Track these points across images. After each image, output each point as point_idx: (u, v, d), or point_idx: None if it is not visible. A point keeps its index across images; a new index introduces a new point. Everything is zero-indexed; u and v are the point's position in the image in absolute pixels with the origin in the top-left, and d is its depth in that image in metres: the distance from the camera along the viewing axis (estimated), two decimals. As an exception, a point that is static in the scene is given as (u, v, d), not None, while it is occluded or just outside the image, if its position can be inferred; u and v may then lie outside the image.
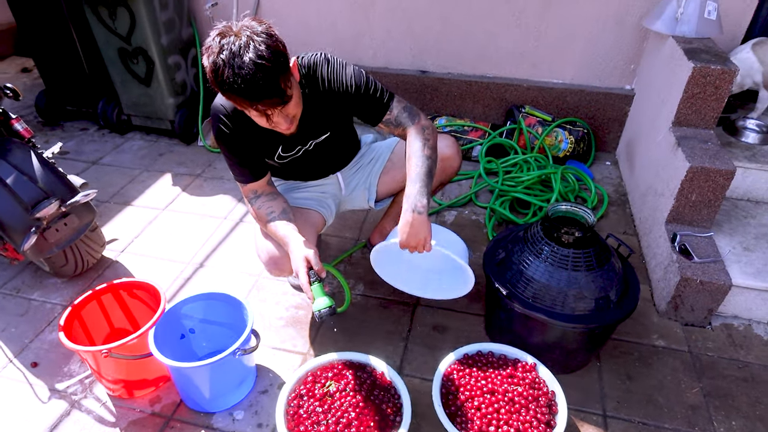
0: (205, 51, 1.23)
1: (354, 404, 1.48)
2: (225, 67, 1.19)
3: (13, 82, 3.90)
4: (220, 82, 1.21)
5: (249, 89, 1.21)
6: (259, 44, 1.20)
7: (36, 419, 1.60)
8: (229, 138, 1.50)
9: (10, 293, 2.05)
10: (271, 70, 1.21)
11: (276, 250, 1.63)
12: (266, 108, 1.28)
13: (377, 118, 1.58)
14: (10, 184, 1.71)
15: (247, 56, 1.18)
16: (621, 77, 2.86)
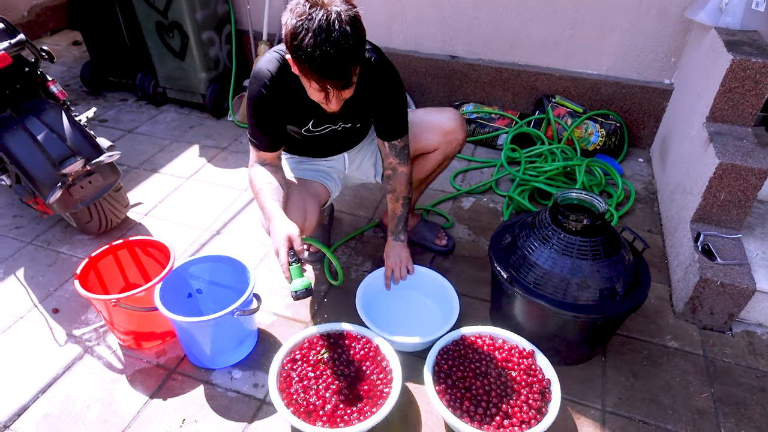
0: (290, 10, 1.23)
1: (345, 373, 1.50)
2: (308, 34, 1.19)
3: (63, 54, 4.09)
4: (297, 46, 1.21)
5: (324, 65, 1.22)
6: (346, 26, 1.20)
7: (52, 359, 1.70)
8: (264, 103, 1.49)
9: (41, 245, 2.17)
10: (349, 56, 1.22)
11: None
12: (330, 87, 1.29)
13: (391, 136, 1.67)
14: (40, 140, 1.81)
15: (334, 34, 1.18)
16: (660, 70, 2.74)
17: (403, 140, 1.68)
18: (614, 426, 1.53)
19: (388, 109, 1.62)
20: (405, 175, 1.74)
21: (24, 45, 1.80)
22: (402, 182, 1.75)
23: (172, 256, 1.69)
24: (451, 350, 1.58)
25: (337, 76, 1.25)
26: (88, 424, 1.51)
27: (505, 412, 1.40)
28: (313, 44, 1.19)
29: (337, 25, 1.19)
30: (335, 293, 1.96)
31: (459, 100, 3.14)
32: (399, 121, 1.65)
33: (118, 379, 1.64)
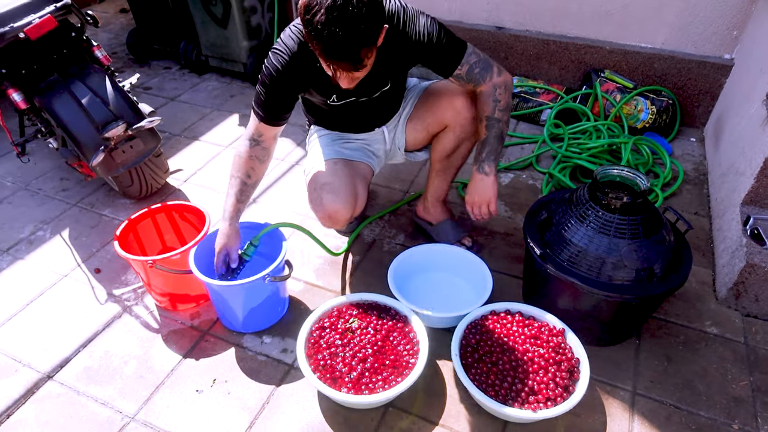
0: None
1: (372, 342, 1.51)
2: (320, 10, 1.14)
3: (111, 22, 4.19)
4: (308, 21, 1.17)
5: (332, 45, 1.17)
6: (362, 6, 1.15)
7: (93, 316, 1.78)
8: (278, 79, 1.45)
9: (86, 207, 2.26)
10: (359, 39, 1.17)
11: (334, 206, 1.62)
12: (336, 67, 1.25)
13: (448, 70, 1.53)
14: (85, 104, 1.86)
15: (347, 14, 1.13)
16: (720, 44, 2.57)
17: (463, 63, 1.51)
18: (644, 409, 1.49)
19: (424, 50, 1.47)
20: (485, 93, 1.56)
21: (70, 9, 1.85)
22: (483, 101, 1.57)
23: (208, 222, 1.73)
24: (479, 325, 1.57)
25: (345, 58, 1.20)
26: (125, 378, 1.58)
27: (531, 389, 1.39)
28: (323, 22, 1.14)
29: (353, 4, 1.13)
30: (366, 264, 1.97)
31: (501, 72, 3.04)
32: (445, 52, 1.49)
33: (154, 338, 1.71)
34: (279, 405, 1.51)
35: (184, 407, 1.50)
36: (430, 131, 1.79)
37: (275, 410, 1.50)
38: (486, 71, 1.54)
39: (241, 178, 1.56)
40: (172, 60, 3.54)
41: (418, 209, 2.07)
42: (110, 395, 1.54)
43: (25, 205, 2.28)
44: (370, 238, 2.10)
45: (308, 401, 1.52)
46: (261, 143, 1.56)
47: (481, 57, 1.54)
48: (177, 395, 1.53)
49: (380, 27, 1.23)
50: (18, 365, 1.63)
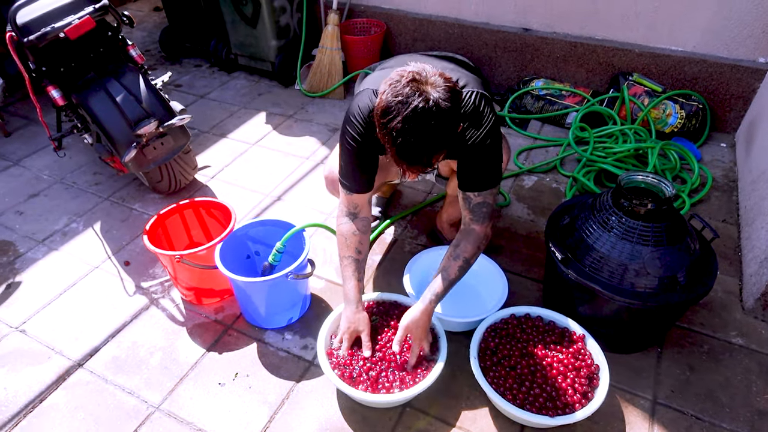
0: (390, 84, 1.17)
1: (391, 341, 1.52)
2: (397, 117, 1.14)
3: (145, 20, 4.30)
4: (383, 124, 1.17)
5: (404, 152, 1.18)
6: (438, 117, 1.14)
7: (122, 307, 1.84)
8: (361, 140, 1.42)
9: (117, 201, 2.33)
10: (431, 148, 1.18)
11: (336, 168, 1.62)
12: (407, 169, 1.25)
13: (467, 187, 1.47)
14: (119, 101, 1.93)
15: (423, 125, 1.13)
16: (755, 48, 2.51)
17: (482, 196, 1.45)
18: (664, 418, 1.47)
19: (473, 161, 1.43)
20: (476, 235, 1.48)
21: (107, 10, 1.91)
22: (471, 242, 1.48)
23: (233, 219, 1.77)
24: (499, 328, 1.57)
25: (414, 162, 1.20)
26: (151, 369, 1.64)
27: (549, 394, 1.39)
28: (399, 129, 1.14)
29: (429, 116, 1.13)
30: (387, 264, 1.99)
31: (529, 75, 3.03)
32: (481, 174, 1.45)
33: (179, 330, 1.76)
34: (298, 401, 1.54)
35: (206, 399, 1.55)
36: (451, 166, 1.78)
37: (295, 406, 1.53)
38: (488, 217, 1.49)
39: (353, 256, 1.54)
40: (203, 58, 3.62)
41: (437, 221, 2.08)
42: (136, 385, 1.59)
43: (60, 197, 2.37)
44: (392, 237, 2.12)
45: (327, 398, 1.54)
46: (358, 215, 1.56)
47: (492, 204, 1.50)
48: (200, 387, 1.58)
49: (454, 135, 1.22)
50: (51, 352, 1.70)
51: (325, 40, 3.08)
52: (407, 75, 1.16)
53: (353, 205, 1.54)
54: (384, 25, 3.23)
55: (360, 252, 1.55)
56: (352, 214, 1.55)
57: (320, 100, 3.12)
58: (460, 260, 1.47)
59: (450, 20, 3.08)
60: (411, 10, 3.20)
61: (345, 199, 1.55)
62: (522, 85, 2.92)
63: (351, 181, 1.50)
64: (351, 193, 1.52)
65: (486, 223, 1.49)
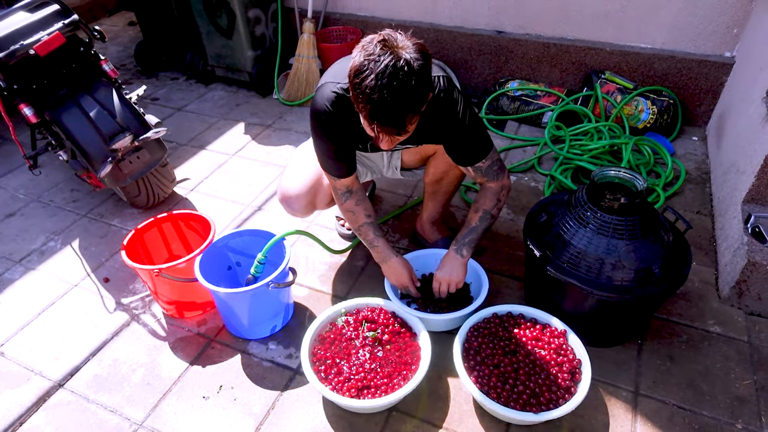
0: (362, 47, 1.20)
1: (375, 347, 1.52)
2: (370, 75, 1.15)
3: (120, 35, 4.27)
4: (357, 84, 1.18)
5: (379, 110, 1.18)
6: (411, 76, 1.16)
7: (103, 325, 1.82)
8: (333, 130, 1.47)
9: (95, 218, 2.31)
10: (406, 106, 1.19)
11: (289, 189, 1.75)
12: (380, 130, 1.26)
13: (472, 160, 1.55)
14: (93, 117, 1.91)
15: (395, 81, 1.15)
16: (720, 43, 2.57)
17: (488, 159, 1.55)
18: (646, 409, 1.49)
19: (459, 139, 1.51)
20: (493, 190, 1.61)
21: (77, 25, 1.90)
22: (487, 196, 1.62)
23: (213, 230, 1.76)
24: (481, 327, 1.58)
25: (390, 123, 1.21)
26: (133, 386, 1.62)
27: (533, 391, 1.40)
28: (372, 86, 1.15)
29: (402, 73, 1.14)
30: (370, 269, 1.99)
31: (504, 77, 3.06)
32: (474, 146, 1.53)
33: (162, 345, 1.74)
34: (284, 411, 1.53)
35: (190, 414, 1.53)
36: (423, 154, 1.81)
37: (280, 416, 1.52)
38: (502, 171, 1.61)
39: (367, 221, 1.65)
40: (179, 71, 3.60)
41: (417, 225, 2.10)
42: (119, 403, 1.57)
43: (36, 216, 2.34)
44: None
45: (313, 406, 1.54)
46: (353, 191, 1.63)
47: (499, 158, 1.60)
48: (184, 402, 1.56)
49: (426, 95, 1.24)
50: (30, 374, 1.67)
51: (302, 49, 3.09)
52: (377, 37, 1.19)
53: (344, 186, 1.61)
54: (360, 32, 3.24)
55: (370, 216, 1.65)
56: (347, 193, 1.62)
57: (299, 108, 3.13)
58: (480, 212, 1.63)
59: (425, 25, 3.11)
60: (386, 17, 3.22)
61: (335, 184, 1.62)
62: (498, 86, 2.96)
63: (334, 169, 1.57)
64: (338, 179, 1.59)
65: (500, 178, 1.61)
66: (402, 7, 3.14)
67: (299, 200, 1.76)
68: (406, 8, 3.13)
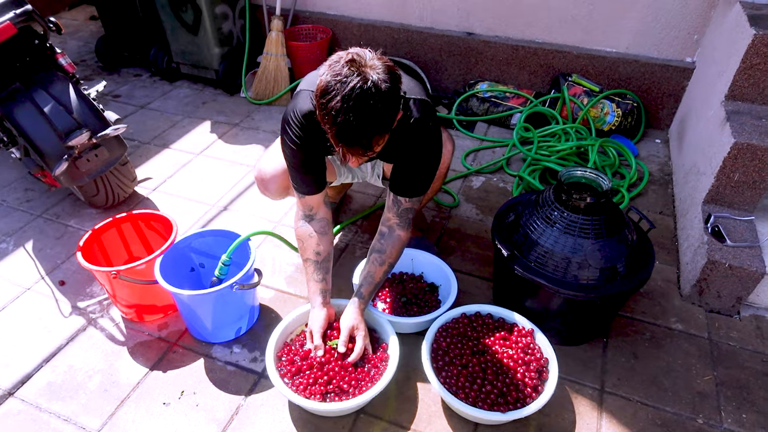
0: (329, 65, 1.16)
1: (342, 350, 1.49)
2: (336, 97, 1.12)
3: (80, 29, 4.13)
4: (323, 104, 1.15)
5: (344, 132, 1.15)
6: (378, 99, 1.12)
7: (57, 330, 1.74)
8: (303, 140, 1.41)
9: (50, 218, 2.21)
10: (371, 129, 1.15)
11: (265, 170, 1.70)
12: (346, 150, 1.21)
13: (401, 190, 1.49)
14: (47, 112, 1.82)
15: (362, 105, 1.11)
16: (682, 48, 2.64)
17: (411, 202, 1.49)
18: (612, 406, 1.51)
19: (409, 166, 1.46)
20: (400, 241, 1.54)
21: (31, 16, 1.81)
22: (395, 246, 1.53)
23: (174, 230, 1.70)
24: (450, 328, 1.57)
25: (355, 144, 1.18)
26: (89, 393, 1.55)
27: (500, 390, 1.39)
28: (338, 109, 1.12)
29: (368, 96, 1.11)
30: (338, 270, 1.96)
31: (474, 78, 3.08)
32: (415, 181, 1.47)
33: (120, 350, 1.67)
34: (248, 416, 1.49)
35: (150, 421, 1.47)
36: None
37: (245, 421, 1.48)
38: (410, 223, 1.55)
39: (312, 258, 1.54)
40: (143, 67, 3.50)
41: None
42: (74, 411, 1.50)
43: (-13, 217, 2.22)
44: (342, 243, 2.09)
45: (278, 410, 1.50)
46: (315, 216, 1.55)
47: (418, 208, 1.57)
48: (143, 409, 1.50)
49: (393, 117, 1.20)
50: (-22, 382, 1.58)
51: (270, 47, 3.04)
52: (345, 56, 1.15)
53: (308, 207, 1.54)
54: (330, 31, 3.21)
55: (319, 253, 1.54)
56: (308, 216, 1.55)
57: (267, 107, 3.07)
58: (386, 265, 1.54)
59: (395, 25, 3.10)
60: (356, 16, 3.20)
61: (299, 203, 1.55)
62: (468, 88, 2.97)
63: (300, 183, 1.50)
64: (303, 196, 1.52)
65: (409, 228, 1.55)
66: (372, 6, 3.12)
67: (274, 181, 1.70)
68: (376, 8, 3.12)
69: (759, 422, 1.48)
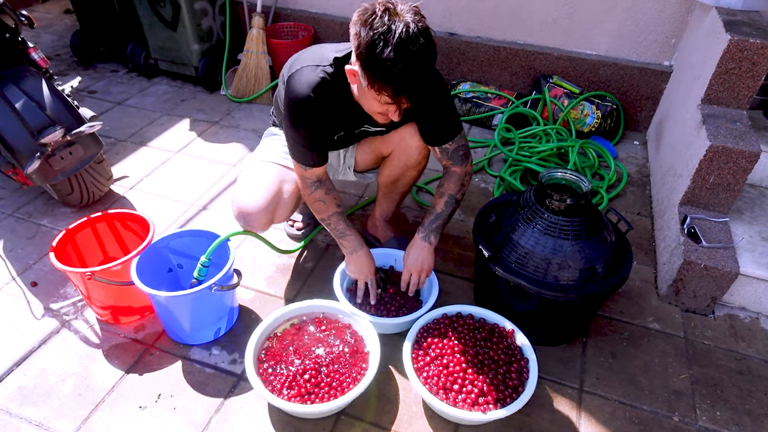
0: (363, 21, 1.17)
1: (323, 351, 1.48)
2: (386, 47, 1.12)
3: (54, 23, 4.02)
4: (374, 58, 1.14)
5: (404, 79, 1.16)
6: (424, 41, 1.15)
7: (28, 333, 1.69)
8: (313, 120, 1.42)
9: (22, 217, 2.15)
10: (428, 71, 1.18)
11: (248, 205, 1.60)
12: (404, 100, 1.23)
13: (440, 140, 1.56)
14: (18, 108, 1.77)
15: (414, 47, 1.13)
16: (660, 52, 2.68)
17: (456, 141, 1.56)
18: (590, 405, 1.52)
19: (434, 114, 1.51)
20: (457, 175, 1.61)
21: (1, 8, 1.76)
22: (452, 180, 1.61)
23: (152, 230, 1.67)
24: (431, 328, 1.57)
25: (414, 90, 1.20)
26: (62, 397, 1.51)
27: (481, 390, 1.40)
28: (393, 58, 1.12)
29: (417, 38, 1.13)
30: (319, 271, 1.95)
31: (456, 78, 3.09)
32: (447, 123, 1.54)
33: (95, 353, 1.63)
34: (227, 418, 1.47)
35: (125, 425, 1.44)
36: (378, 154, 1.79)
37: (223, 424, 1.45)
38: (466, 157, 1.61)
39: (338, 210, 1.59)
40: (120, 63, 3.42)
41: (367, 225, 2.07)
42: (46, 416, 1.46)
43: (-45, 216, 2.15)
44: (323, 243, 2.08)
45: (258, 413, 1.48)
46: (323, 181, 1.57)
47: (466, 143, 1.60)
48: (118, 413, 1.47)
49: (435, 58, 1.23)
50: (-56, 387, 1.53)
51: (251, 44, 3.00)
52: (379, 7, 1.16)
53: (314, 176, 1.54)
54: (311, 29, 3.19)
55: (340, 205, 1.60)
56: (317, 182, 1.55)
57: (247, 105, 3.04)
58: (445, 196, 1.61)
59: (377, 24, 3.08)
60: (339, 14, 3.18)
61: (305, 174, 1.54)
62: (450, 88, 2.98)
63: (306, 159, 1.50)
64: (310, 167, 1.51)
65: (465, 163, 1.61)
66: (355, 5, 3.07)
67: (259, 217, 1.62)
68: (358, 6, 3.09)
69: (732, 419, 1.51)
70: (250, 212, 1.61)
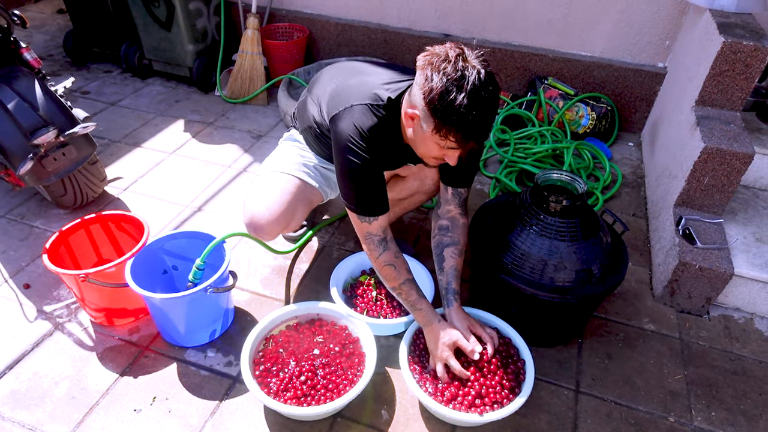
0: (434, 68, 1.16)
1: (319, 353, 1.48)
2: (460, 94, 1.13)
3: (47, 23, 3.99)
4: (447, 105, 1.14)
5: (475, 125, 1.17)
6: (492, 87, 1.17)
7: (21, 336, 1.67)
8: (374, 160, 1.37)
9: (15, 219, 2.13)
10: (494, 117, 1.21)
11: (261, 216, 1.57)
12: (472, 146, 1.24)
13: (458, 183, 1.56)
14: (11, 109, 1.75)
15: (485, 94, 1.15)
16: (654, 54, 2.70)
17: (468, 190, 1.59)
18: (587, 406, 1.53)
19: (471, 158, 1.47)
20: (466, 227, 1.60)
21: (-7, 9, 1.74)
22: (463, 234, 1.58)
23: (146, 232, 1.66)
24: (427, 331, 1.56)
25: (483, 135, 1.22)
26: (56, 401, 1.49)
27: (478, 392, 1.39)
28: (467, 105, 1.13)
29: (487, 84, 1.16)
30: (315, 272, 1.94)
31: (449, 79, 3.08)
32: (472, 170, 1.55)
33: (89, 356, 1.62)
34: (223, 421, 1.46)
35: (120, 429, 1.43)
36: (393, 174, 1.81)
37: (219, 426, 1.44)
38: (467, 210, 1.62)
39: (409, 276, 1.49)
40: (114, 63, 3.40)
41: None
42: (39, 419, 1.44)
43: (-54, 217, 2.13)
44: (319, 244, 2.07)
45: (254, 415, 1.47)
46: (388, 239, 1.47)
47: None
48: (113, 416, 1.46)
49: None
50: (-65, 391, 1.51)
51: (246, 45, 2.99)
52: (452, 53, 1.16)
53: (381, 229, 1.45)
54: (307, 30, 3.18)
55: (410, 271, 1.50)
56: (384, 241, 1.46)
57: (242, 106, 3.03)
58: (463, 255, 1.57)
59: (373, 25, 3.08)
60: (334, 15, 3.18)
61: (371, 229, 1.44)
62: (444, 89, 2.97)
63: (374, 205, 1.42)
64: (376, 218, 1.43)
65: (467, 214, 1.62)
66: (350, 6, 3.10)
67: (270, 229, 1.58)
68: (354, 7, 3.10)
69: (728, 420, 1.52)
70: (263, 224, 1.57)
